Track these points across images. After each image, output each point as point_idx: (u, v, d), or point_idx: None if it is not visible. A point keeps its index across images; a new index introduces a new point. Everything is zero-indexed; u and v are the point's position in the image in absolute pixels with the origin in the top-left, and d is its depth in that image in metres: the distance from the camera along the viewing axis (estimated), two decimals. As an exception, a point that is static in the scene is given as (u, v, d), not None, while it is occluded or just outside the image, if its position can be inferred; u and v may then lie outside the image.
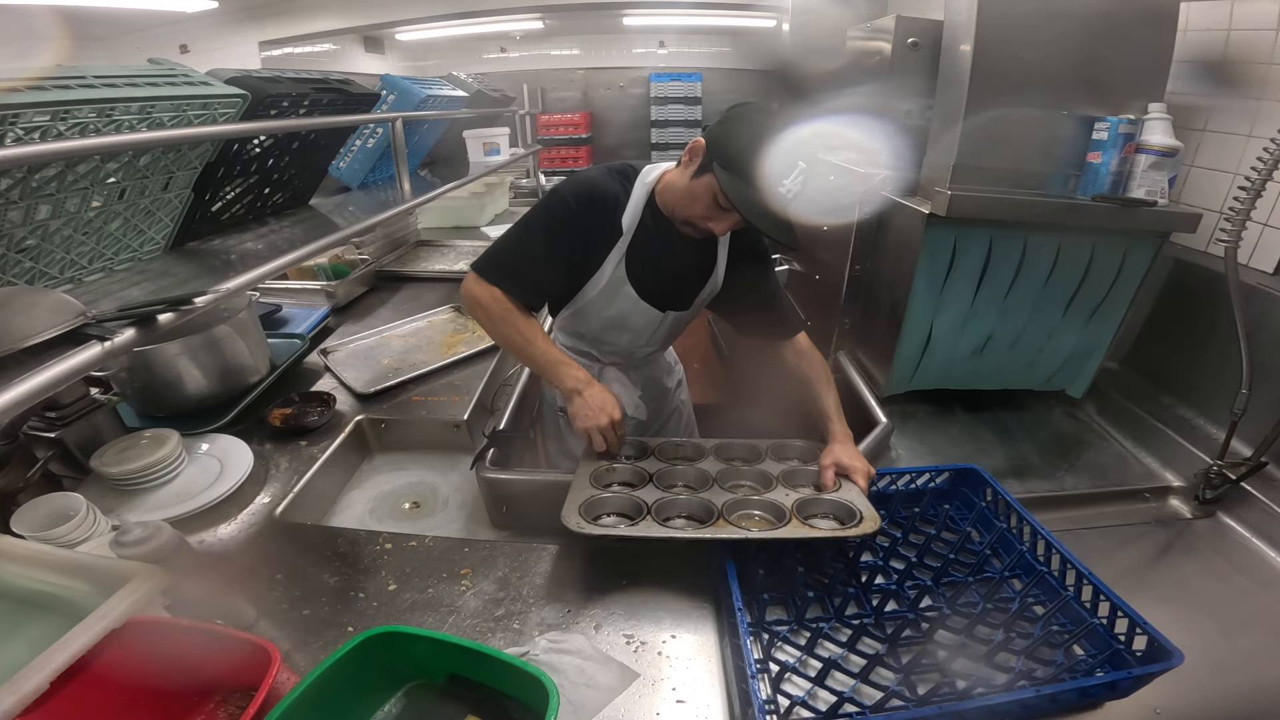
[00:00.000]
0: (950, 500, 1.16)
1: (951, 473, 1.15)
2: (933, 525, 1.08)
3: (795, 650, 0.87)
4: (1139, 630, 0.80)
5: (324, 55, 4.51)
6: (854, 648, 0.88)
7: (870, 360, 1.62)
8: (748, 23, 4.39)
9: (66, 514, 0.96)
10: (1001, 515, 1.05)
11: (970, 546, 1.04)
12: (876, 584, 0.99)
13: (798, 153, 0.96)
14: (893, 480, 1.13)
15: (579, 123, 5.09)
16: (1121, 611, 0.83)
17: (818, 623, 0.91)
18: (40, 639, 0.67)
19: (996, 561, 1.02)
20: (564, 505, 0.99)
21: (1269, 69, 1.21)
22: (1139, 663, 0.78)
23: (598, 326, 1.32)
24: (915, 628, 0.90)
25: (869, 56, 1.55)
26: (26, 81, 0.79)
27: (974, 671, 0.82)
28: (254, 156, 1.35)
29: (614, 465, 1.14)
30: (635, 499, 1.03)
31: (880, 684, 0.81)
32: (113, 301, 0.93)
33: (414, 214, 3.01)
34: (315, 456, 1.36)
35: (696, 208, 1.07)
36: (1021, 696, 0.72)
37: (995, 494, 1.07)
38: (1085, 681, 0.75)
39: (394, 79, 2.11)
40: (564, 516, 0.97)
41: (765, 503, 1.04)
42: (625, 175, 1.18)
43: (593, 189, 1.14)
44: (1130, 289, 1.36)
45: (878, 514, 0.98)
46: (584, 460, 1.14)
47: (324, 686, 0.71)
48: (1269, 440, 1.10)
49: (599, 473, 1.11)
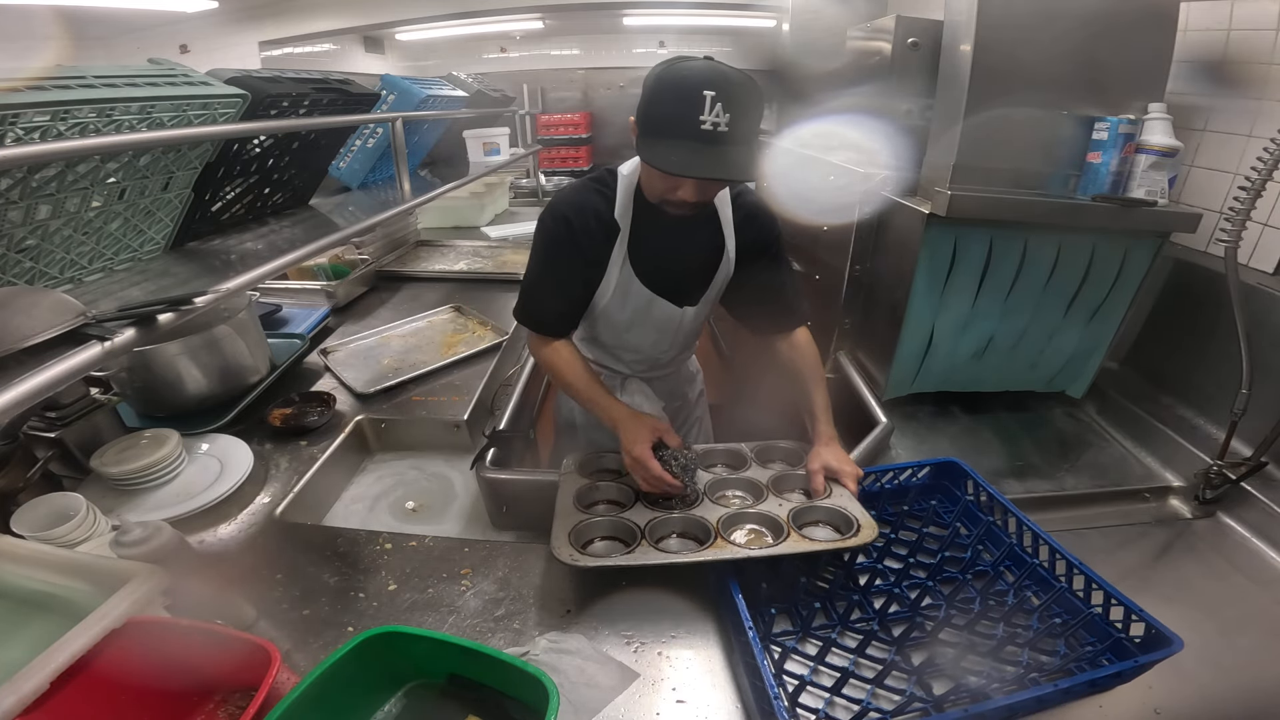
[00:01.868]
0: (934, 495, 1.16)
1: (933, 467, 1.15)
2: (920, 520, 1.08)
3: (806, 660, 0.86)
4: (1135, 617, 0.81)
5: (324, 55, 4.51)
6: (863, 653, 0.87)
7: (870, 360, 1.62)
8: (748, 23, 4.39)
9: (66, 514, 0.96)
10: (985, 508, 1.05)
11: (960, 541, 1.05)
12: (875, 586, 0.98)
13: (700, 84, 0.88)
14: (877, 478, 1.12)
15: (579, 123, 5.08)
16: (1116, 600, 0.83)
17: (824, 630, 0.91)
18: (40, 639, 0.67)
19: (988, 556, 1.02)
20: (552, 533, 0.96)
21: (1269, 69, 1.21)
22: (1140, 650, 0.79)
23: (616, 332, 1.29)
24: (919, 628, 0.90)
25: (869, 56, 1.55)
26: (26, 81, 0.79)
27: (984, 668, 0.82)
28: (254, 156, 1.35)
29: (597, 483, 1.11)
30: (626, 523, 1.01)
31: (896, 688, 0.81)
32: (113, 301, 0.93)
33: (414, 214, 3.01)
34: (315, 456, 1.36)
35: (656, 184, 1.03)
36: (1039, 693, 0.72)
37: (977, 487, 1.07)
38: (1096, 673, 0.75)
39: (394, 79, 2.10)
40: (554, 548, 0.93)
41: (760, 515, 1.03)
42: (602, 180, 1.17)
43: (574, 197, 1.14)
44: (1130, 289, 1.36)
45: (873, 520, 0.97)
46: (563, 478, 1.12)
47: (324, 686, 0.71)
48: (1269, 440, 1.10)
49: (582, 492, 1.08)
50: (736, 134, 0.91)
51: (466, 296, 2.24)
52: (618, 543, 1.00)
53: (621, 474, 1.13)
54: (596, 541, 1.01)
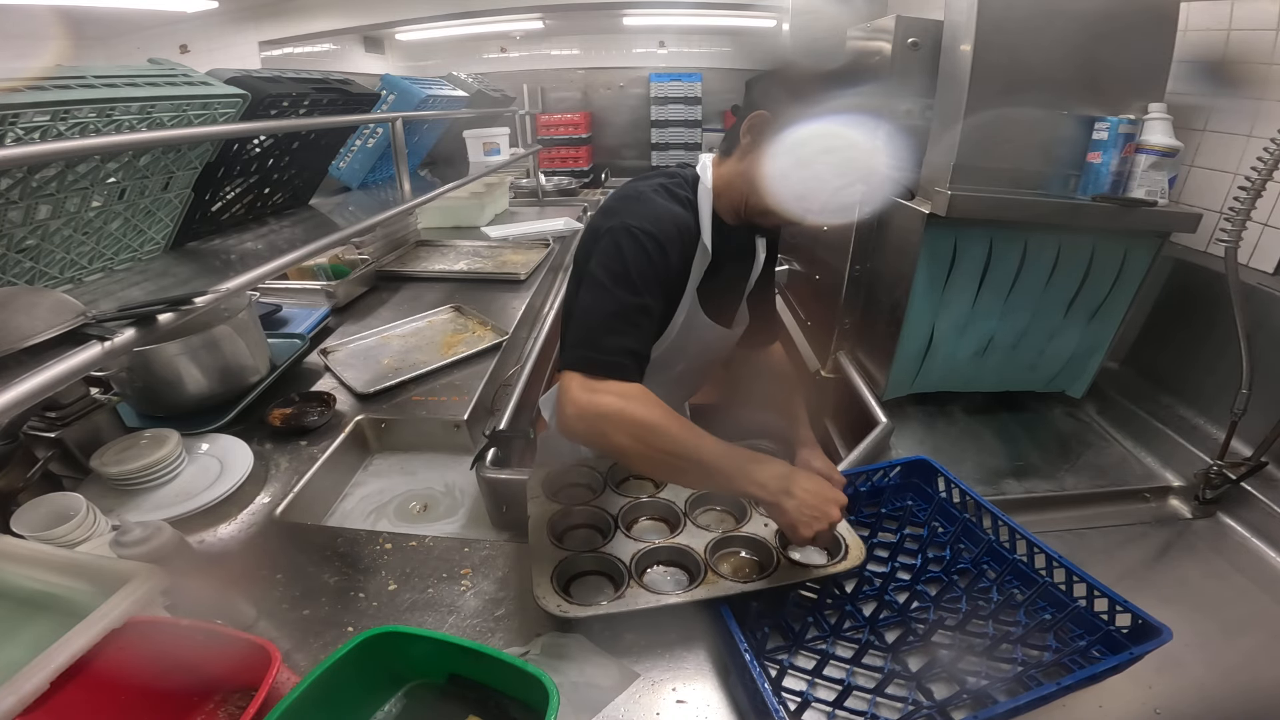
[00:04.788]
0: (906, 494, 1.16)
1: (903, 466, 1.14)
2: (897, 521, 1.08)
3: (803, 675, 0.85)
4: (1119, 608, 0.81)
5: (324, 55, 4.51)
6: (860, 662, 0.86)
7: (870, 361, 1.62)
8: (748, 23, 4.39)
9: (66, 514, 0.96)
10: (958, 505, 1.05)
11: (939, 540, 1.04)
12: (863, 592, 0.97)
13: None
14: (850, 482, 1.10)
15: (579, 123, 5.08)
16: (1099, 591, 0.83)
17: (816, 642, 0.90)
18: (40, 639, 0.67)
19: (968, 554, 1.02)
20: (533, 578, 0.88)
21: (1269, 69, 1.21)
22: (1130, 640, 0.79)
23: (677, 372, 1.14)
24: (912, 632, 0.89)
25: (869, 56, 1.55)
26: (26, 81, 0.79)
27: (980, 668, 0.82)
28: (254, 156, 1.35)
29: (571, 508, 1.03)
30: (611, 559, 0.94)
31: (897, 695, 0.80)
32: (113, 301, 0.93)
33: (414, 214, 3.01)
34: (315, 456, 1.36)
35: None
36: (1043, 692, 0.72)
37: (949, 483, 1.06)
38: (1094, 669, 0.75)
39: (394, 79, 2.11)
40: (539, 597, 0.84)
41: (746, 539, 0.98)
42: (680, 187, 0.98)
43: (662, 209, 0.92)
44: (1130, 289, 1.36)
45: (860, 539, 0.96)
46: (531, 503, 1.04)
47: (324, 686, 0.71)
48: (1269, 440, 1.10)
49: (555, 520, 1.00)
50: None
51: (466, 296, 2.24)
52: (602, 577, 0.95)
53: (593, 490, 1.08)
54: (583, 577, 0.95)
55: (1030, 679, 0.80)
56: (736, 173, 0.98)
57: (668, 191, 0.97)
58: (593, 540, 1.01)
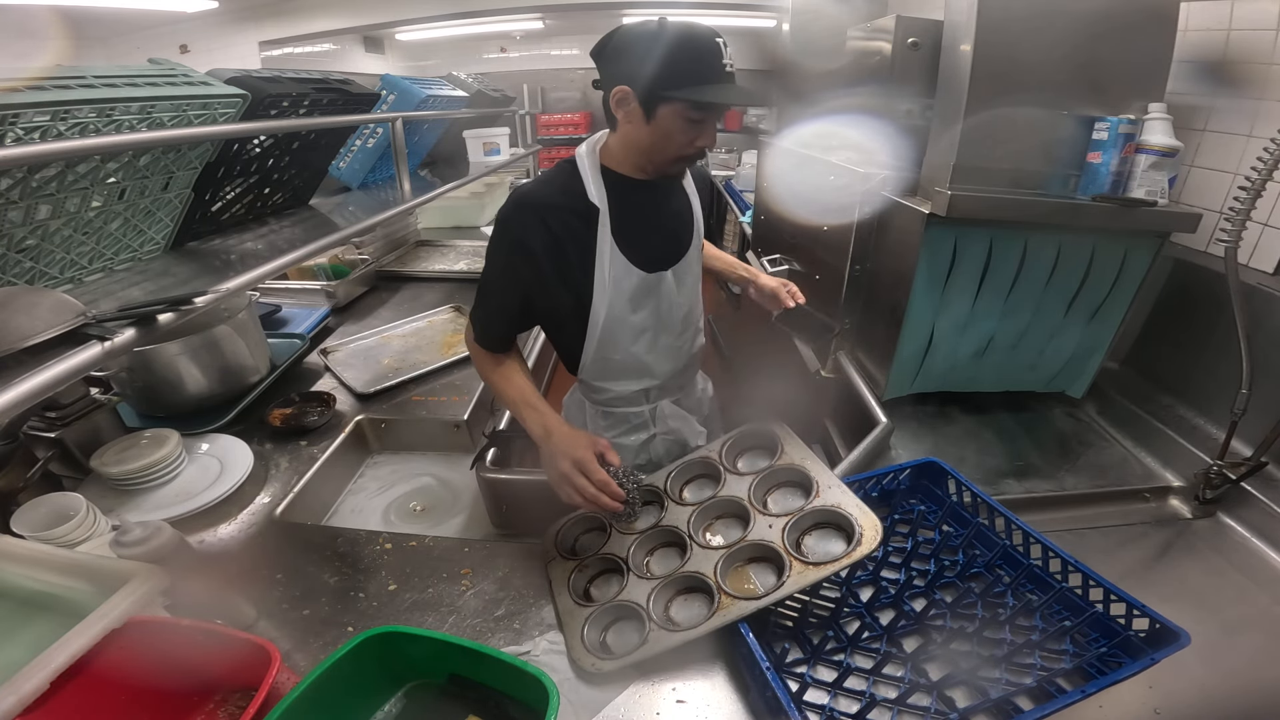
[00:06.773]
0: (916, 497, 1.14)
1: (912, 469, 1.12)
2: (909, 525, 1.07)
3: (824, 687, 0.84)
4: (1136, 612, 0.80)
5: (324, 55, 4.51)
6: (879, 672, 0.85)
7: (870, 361, 1.62)
8: (747, 23, 4.39)
9: (66, 514, 0.96)
10: (970, 507, 1.04)
11: (952, 544, 1.03)
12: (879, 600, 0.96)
13: (711, 33, 0.98)
14: (861, 485, 1.09)
15: (579, 123, 5.09)
16: (1115, 595, 0.82)
17: (835, 653, 0.88)
18: (40, 639, 0.67)
19: (981, 557, 1.01)
20: (566, 640, 0.92)
21: (1269, 69, 1.21)
22: (1148, 645, 0.79)
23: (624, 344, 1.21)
24: (931, 640, 0.88)
25: (869, 56, 1.55)
26: (26, 81, 0.79)
27: (999, 676, 0.81)
28: (254, 156, 1.35)
29: (584, 560, 1.04)
30: (634, 607, 0.93)
31: (919, 705, 0.80)
32: (113, 301, 0.93)
33: (414, 214, 3.01)
34: (315, 456, 1.36)
35: (676, 139, 1.03)
36: (1070, 700, 0.72)
37: (960, 485, 1.05)
38: (1117, 675, 0.75)
39: (394, 79, 2.10)
40: (575, 659, 0.88)
41: (755, 546, 0.96)
42: (561, 169, 1.14)
43: (537, 187, 1.11)
44: (1130, 289, 1.36)
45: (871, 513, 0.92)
46: (550, 566, 1.05)
47: (324, 686, 0.71)
48: (1269, 440, 1.10)
49: (576, 581, 1.01)
50: (737, 73, 1.03)
51: (466, 296, 2.22)
52: (626, 622, 0.95)
53: (603, 531, 1.08)
54: (612, 629, 0.95)
55: (1051, 685, 0.79)
56: (624, 140, 1.10)
57: (546, 175, 1.15)
58: (611, 585, 1.00)
